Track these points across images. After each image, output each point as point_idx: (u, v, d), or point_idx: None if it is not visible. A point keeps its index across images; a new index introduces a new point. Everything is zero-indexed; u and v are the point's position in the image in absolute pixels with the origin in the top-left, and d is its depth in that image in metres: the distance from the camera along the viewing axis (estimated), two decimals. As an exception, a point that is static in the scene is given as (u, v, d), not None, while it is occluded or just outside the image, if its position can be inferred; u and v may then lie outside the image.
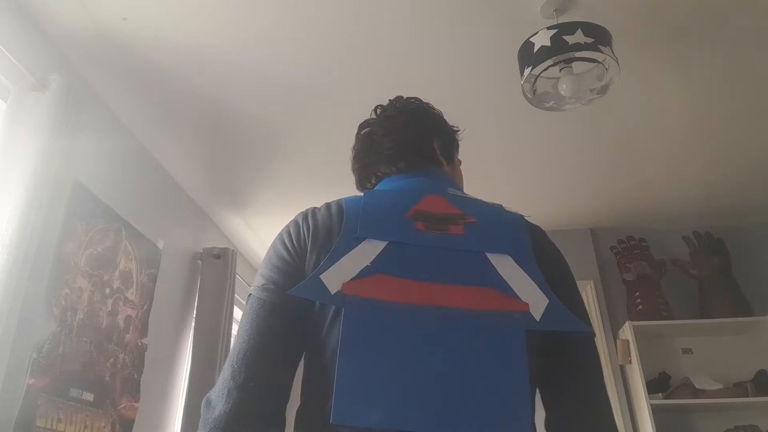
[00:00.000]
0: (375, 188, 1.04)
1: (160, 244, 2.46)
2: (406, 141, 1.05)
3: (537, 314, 0.81)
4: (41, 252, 1.64)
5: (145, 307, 2.30)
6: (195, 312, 2.77)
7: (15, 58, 1.69)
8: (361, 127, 1.12)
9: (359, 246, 0.84)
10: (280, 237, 0.92)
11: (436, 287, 0.82)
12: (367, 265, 0.82)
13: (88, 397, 1.88)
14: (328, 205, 0.94)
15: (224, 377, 0.78)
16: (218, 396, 0.76)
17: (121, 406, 2.07)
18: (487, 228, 0.90)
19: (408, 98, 1.13)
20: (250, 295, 0.86)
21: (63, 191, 1.84)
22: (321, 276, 0.80)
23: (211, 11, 1.78)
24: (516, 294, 0.82)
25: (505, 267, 0.85)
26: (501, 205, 0.97)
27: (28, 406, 1.61)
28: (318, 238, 0.87)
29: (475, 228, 0.89)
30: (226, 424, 0.73)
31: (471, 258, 0.85)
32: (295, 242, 0.89)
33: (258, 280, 0.87)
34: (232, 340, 3.69)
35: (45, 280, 1.73)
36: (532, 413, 0.76)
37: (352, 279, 0.80)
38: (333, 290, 0.79)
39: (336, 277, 0.80)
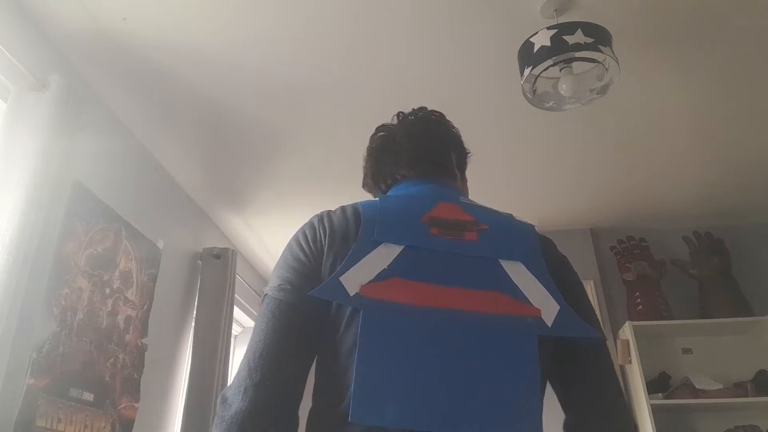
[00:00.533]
0: (389, 193, 1.06)
1: (160, 244, 2.46)
2: (426, 147, 1.09)
3: (548, 320, 0.83)
4: (41, 252, 1.64)
5: (145, 307, 2.30)
6: (195, 312, 2.77)
7: (15, 58, 1.69)
8: (379, 129, 1.15)
9: (376, 249, 0.86)
10: (296, 239, 0.94)
11: (450, 291, 0.84)
12: (384, 269, 0.84)
13: (88, 397, 1.88)
14: (343, 209, 0.96)
15: (240, 375, 0.79)
16: (234, 394, 0.77)
17: (121, 406, 2.07)
18: (499, 235, 0.92)
19: (431, 110, 1.16)
20: (266, 295, 0.87)
21: (63, 191, 1.84)
22: (341, 278, 0.82)
23: (211, 11, 1.78)
24: (528, 300, 0.85)
25: (518, 273, 0.87)
26: (511, 215, 1.00)
27: (28, 406, 1.61)
28: (335, 240, 0.89)
29: (488, 235, 0.91)
30: (242, 422, 0.75)
31: (484, 264, 0.88)
32: (311, 244, 0.90)
33: (274, 281, 0.89)
34: (232, 340, 3.70)
35: (45, 280, 1.73)
36: (538, 415, 0.78)
37: (369, 282, 0.82)
38: (352, 292, 0.81)
39: (355, 279, 0.82)
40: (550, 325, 0.83)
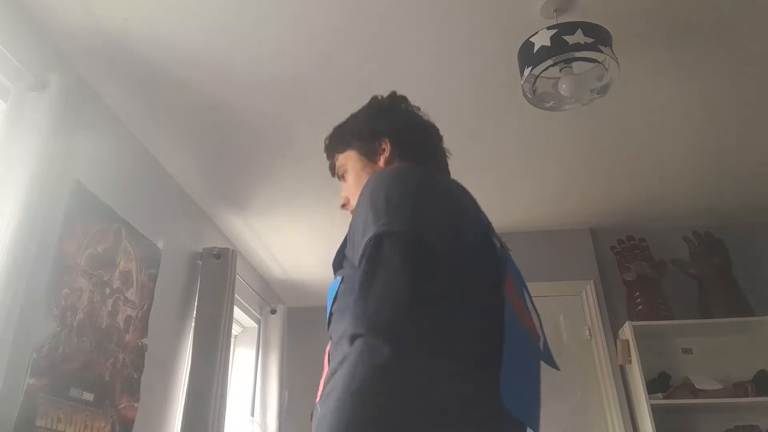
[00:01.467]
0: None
1: (160, 244, 2.46)
2: (445, 160, 1.16)
3: (542, 347, 0.93)
4: (41, 252, 1.64)
5: (145, 307, 2.30)
6: (195, 312, 2.77)
7: (15, 58, 1.69)
8: (394, 97, 1.17)
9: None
10: (442, 191, 0.87)
11: (523, 306, 0.89)
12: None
13: (88, 397, 1.88)
14: (451, 181, 0.95)
15: (392, 320, 0.71)
16: (390, 339, 0.69)
17: (121, 406, 2.07)
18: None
19: None
20: (405, 233, 0.76)
21: (63, 191, 1.84)
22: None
23: (211, 11, 1.78)
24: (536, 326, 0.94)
25: (528, 300, 0.94)
26: None
27: (28, 406, 1.61)
28: (470, 212, 0.88)
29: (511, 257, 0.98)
30: (402, 369, 0.69)
31: (523, 284, 0.94)
32: (456, 201, 0.86)
33: (421, 222, 0.78)
34: (232, 340, 3.67)
35: (45, 280, 1.72)
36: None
37: None
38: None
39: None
40: (542, 352, 0.93)
